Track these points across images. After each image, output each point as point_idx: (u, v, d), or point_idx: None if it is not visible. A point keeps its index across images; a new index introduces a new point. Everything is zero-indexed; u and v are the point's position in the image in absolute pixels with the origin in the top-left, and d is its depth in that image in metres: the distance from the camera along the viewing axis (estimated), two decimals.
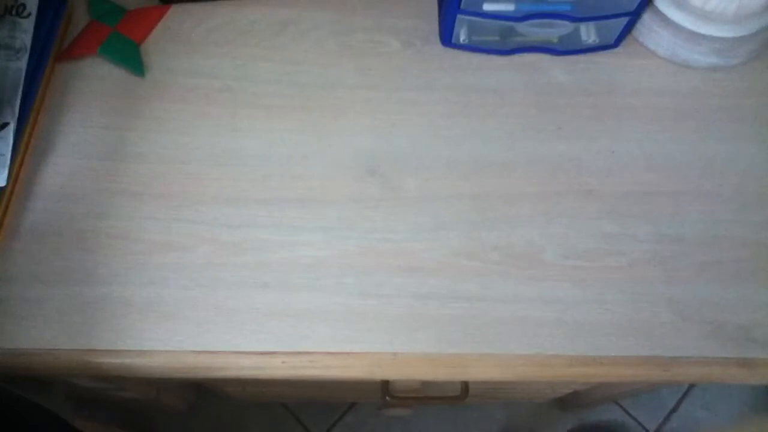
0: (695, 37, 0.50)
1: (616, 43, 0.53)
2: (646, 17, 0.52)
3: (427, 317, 0.44)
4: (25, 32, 0.50)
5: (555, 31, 0.50)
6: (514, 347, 0.43)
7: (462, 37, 0.51)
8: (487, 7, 0.48)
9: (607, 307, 0.45)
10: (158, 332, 0.43)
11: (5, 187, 0.45)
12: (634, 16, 0.50)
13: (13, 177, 0.46)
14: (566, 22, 0.49)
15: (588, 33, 0.51)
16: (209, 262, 0.45)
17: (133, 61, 0.51)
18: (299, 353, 0.43)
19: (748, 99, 0.52)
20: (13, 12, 0.50)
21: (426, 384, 0.67)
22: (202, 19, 0.54)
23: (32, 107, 0.48)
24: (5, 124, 0.47)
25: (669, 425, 1.10)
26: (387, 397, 0.65)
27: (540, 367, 0.44)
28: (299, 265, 0.45)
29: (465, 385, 0.63)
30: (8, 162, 0.45)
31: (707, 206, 0.48)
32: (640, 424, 1.10)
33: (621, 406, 1.11)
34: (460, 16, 0.50)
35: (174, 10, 0.54)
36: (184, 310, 0.44)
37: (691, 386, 1.12)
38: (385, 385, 0.65)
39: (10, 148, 0.46)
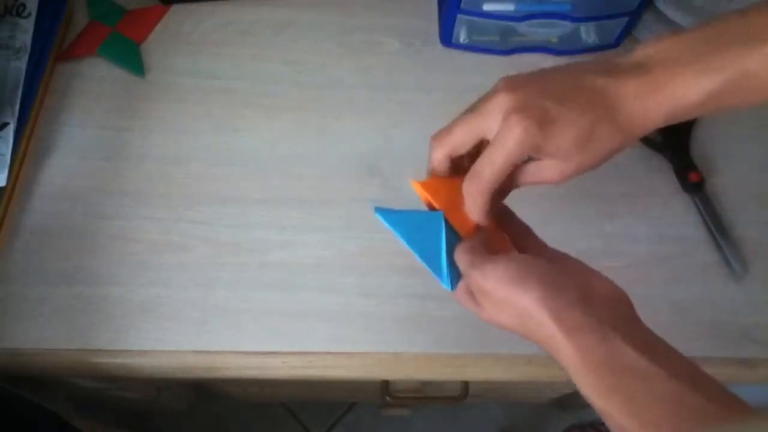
0: None
1: (616, 43, 0.53)
2: (646, 17, 0.52)
3: (427, 317, 0.44)
4: (25, 32, 0.50)
5: (555, 31, 0.50)
6: (514, 347, 0.43)
7: (462, 37, 0.51)
8: (487, 7, 0.48)
9: None
10: (158, 332, 0.43)
11: (5, 187, 0.45)
12: (634, 16, 0.50)
13: (13, 177, 0.46)
14: (566, 22, 0.49)
15: (588, 33, 0.51)
16: (209, 262, 0.45)
17: (133, 61, 0.51)
18: (299, 353, 0.43)
19: None
20: (13, 12, 0.50)
21: (426, 384, 0.67)
22: (202, 19, 0.54)
23: (32, 107, 0.48)
24: (5, 124, 0.46)
25: None
26: (387, 397, 0.64)
27: (540, 367, 0.44)
28: (299, 265, 0.45)
29: (465, 385, 0.63)
30: (8, 162, 0.45)
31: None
32: None
33: None
34: (460, 16, 0.50)
35: (174, 10, 0.54)
36: (184, 310, 0.44)
37: None
38: (385, 385, 0.65)
39: (10, 148, 0.46)
